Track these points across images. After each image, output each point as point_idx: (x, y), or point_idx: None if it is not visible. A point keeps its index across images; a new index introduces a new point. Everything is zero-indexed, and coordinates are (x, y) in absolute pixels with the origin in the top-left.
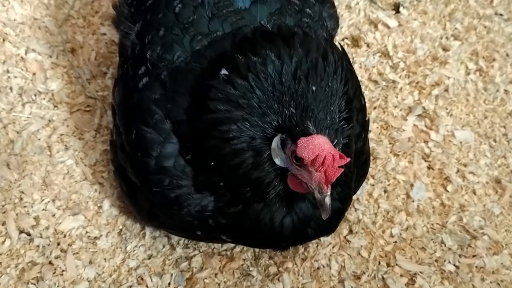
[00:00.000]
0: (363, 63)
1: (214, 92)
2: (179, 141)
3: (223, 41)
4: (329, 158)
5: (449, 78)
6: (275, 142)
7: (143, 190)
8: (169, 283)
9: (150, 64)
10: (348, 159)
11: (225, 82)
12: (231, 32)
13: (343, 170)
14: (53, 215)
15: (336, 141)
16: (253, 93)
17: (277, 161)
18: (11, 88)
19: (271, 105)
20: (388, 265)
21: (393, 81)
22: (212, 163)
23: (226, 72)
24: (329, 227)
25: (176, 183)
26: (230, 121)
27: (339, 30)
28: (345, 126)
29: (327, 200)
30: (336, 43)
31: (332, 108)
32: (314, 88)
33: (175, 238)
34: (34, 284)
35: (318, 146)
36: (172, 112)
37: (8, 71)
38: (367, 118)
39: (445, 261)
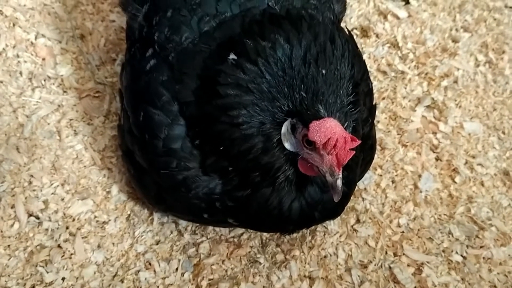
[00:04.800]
0: (372, 54)
1: (223, 77)
2: (186, 123)
3: (231, 22)
4: (341, 140)
5: (458, 69)
6: (285, 127)
7: (150, 173)
8: (177, 269)
9: (157, 46)
10: (359, 142)
11: (234, 66)
12: (239, 14)
13: (354, 152)
14: (62, 199)
15: (346, 124)
16: (263, 77)
17: (287, 145)
18: (21, 73)
19: (281, 89)
20: (395, 254)
21: (402, 72)
22: (221, 148)
23: (235, 57)
24: (335, 211)
25: (183, 165)
26: (240, 106)
27: (348, 20)
28: (353, 109)
29: (339, 182)
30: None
31: (341, 92)
32: (324, 71)
33: (183, 224)
34: (43, 267)
35: (330, 129)
36: (180, 94)
37: (18, 56)
38: (374, 103)
39: (452, 251)
